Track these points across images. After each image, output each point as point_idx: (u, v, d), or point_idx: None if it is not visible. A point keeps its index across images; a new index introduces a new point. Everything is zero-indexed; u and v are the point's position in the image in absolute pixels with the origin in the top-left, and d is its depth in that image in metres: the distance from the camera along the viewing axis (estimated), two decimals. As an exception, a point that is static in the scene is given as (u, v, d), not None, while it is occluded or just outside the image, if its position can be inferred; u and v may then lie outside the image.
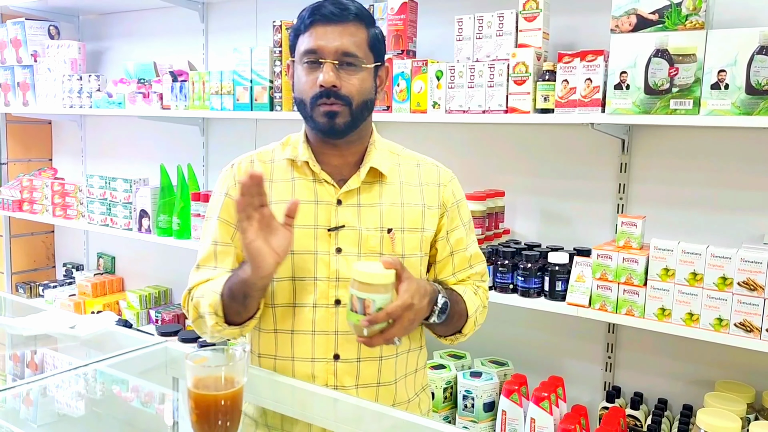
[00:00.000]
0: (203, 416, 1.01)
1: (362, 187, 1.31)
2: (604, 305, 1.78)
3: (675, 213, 1.95)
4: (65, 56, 3.20)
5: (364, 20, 1.27)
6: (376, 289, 1.10)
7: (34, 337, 1.61)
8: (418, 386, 1.42)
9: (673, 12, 1.63)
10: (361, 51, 1.25)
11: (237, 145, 2.88)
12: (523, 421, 1.91)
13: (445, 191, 1.37)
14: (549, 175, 2.16)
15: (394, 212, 1.31)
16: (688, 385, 1.96)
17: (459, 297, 1.35)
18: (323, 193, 1.30)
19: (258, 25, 2.81)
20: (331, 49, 1.22)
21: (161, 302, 3.19)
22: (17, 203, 3.39)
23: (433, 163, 1.41)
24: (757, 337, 1.57)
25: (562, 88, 1.81)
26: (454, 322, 1.32)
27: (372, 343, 1.13)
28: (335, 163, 1.32)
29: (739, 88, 1.55)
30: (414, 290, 1.14)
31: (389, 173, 1.33)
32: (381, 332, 1.12)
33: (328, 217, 1.29)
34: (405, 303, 1.12)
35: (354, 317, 1.11)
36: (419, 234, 1.33)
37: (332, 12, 1.23)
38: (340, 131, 1.26)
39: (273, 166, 1.35)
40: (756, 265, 1.56)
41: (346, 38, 1.23)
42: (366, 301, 1.09)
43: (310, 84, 1.25)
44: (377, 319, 1.09)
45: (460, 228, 1.39)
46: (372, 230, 1.29)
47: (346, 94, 1.23)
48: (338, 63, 1.23)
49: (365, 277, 1.09)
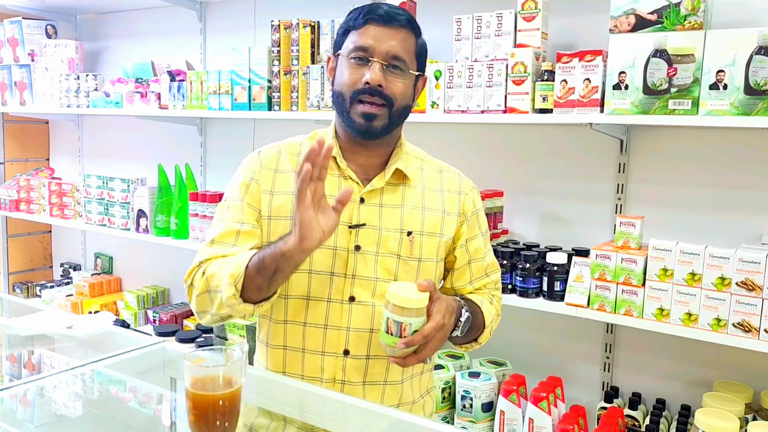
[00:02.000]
0: (201, 417, 1.00)
1: (386, 187, 1.32)
2: (603, 305, 1.78)
3: (673, 213, 1.95)
4: (62, 55, 3.19)
5: (414, 29, 1.30)
6: (412, 312, 1.13)
7: (31, 337, 1.60)
8: (423, 388, 1.43)
9: (671, 12, 1.63)
10: (408, 57, 1.28)
11: (235, 145, 2.88)
12: (522, 421, 1.91)
13: (466, 200, 1.39)
14: (548, 175, 2.16)
15: (415, 215, 1.33)
16: (686, 386, 1.96)
17: (477, 308, 1.37)
18: None
19: (256, 25, 2.80)
20: (383, 50, 1.24)
21: (159, 302, 3.18)
22: (14, 203, 3.38)
23: (456, 171, 1.43)
24: (755, 337, 1.57)
25: (561, 88, 1.81)
26: (473, 333, 1.35)
27: (406, 363, 1.17)
28: (361, 162, 1.33)
29: (737, 89, 1.55)
30: (444, 310, 1.18)
31: (413, 177, 1.35)
32: (415, 353, 1.17)
33: (350, 214, 1.29)
34: (437, 324, 1.16)
35: (389, 339, 1.15)
36: (437, 239, 1.34)
37: (388, 14, 1.26)
38: (375, 133, 1.27)
39: (300, 158, 1.33)
40: (754, 265, 1.56)
41: (397, 42, 1.25)
42: (403, 324, 1.13)
43: (355, 79, 1.25)
44: (414, 342, 1.14)
45: (479, 237, 1.41)
46: (392, 231, 1.30)
47: (389, 95, 1.25)
48: (386, 64, 1.25)
49: (403, 302, 1.13)
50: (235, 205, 1.32)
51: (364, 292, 1.29)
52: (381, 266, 1.30)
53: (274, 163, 1.34)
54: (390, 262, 1.30)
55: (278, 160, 1.35)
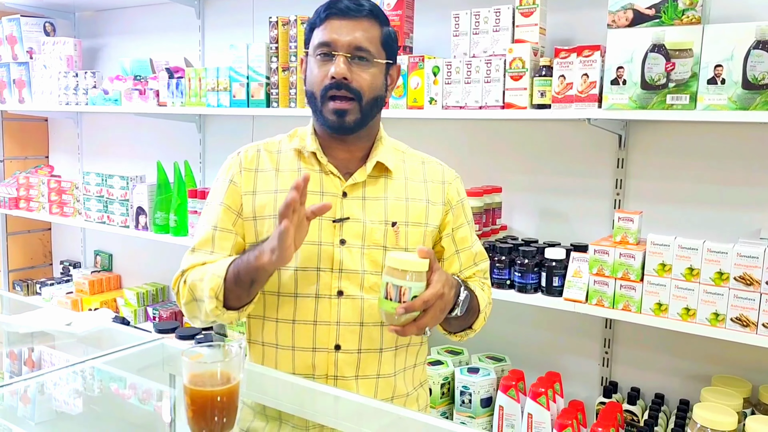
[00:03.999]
0: (199, 412, 1.01)
1: (368, 180, 1.33)
2: (601, 300, 1.78)
3: (672, 208, 1.95)
4: (61, 53, 3.19)
5: (378, 18, 1.29)
6: (412, 276, 1.11)
7: (30, 334, 1.61)
8: (417, 381, 1.43)
9: (669, 7, 1.63)
10: (373, 47, 1.27)
11: (234, 141, 2.87)
12: (521, 416, 1.91)
13: (449, 189, 1.40)
14: (546, 171, 2.16)
15: (399, 206, 1.33)
16: (685, 380, 1.97)
17: (472, 292, 1.36)
18: (329, 184, 1.32)
19: (254, 22, 2.80)
20: (344, 43, 1.25)
21: (158, 299, 3.19)
22: (14, 201, 3.38)
23: (438, 162, 1.44)
24: (753, 331, 1.58)
25: (559, 83, 1.81)
26: (469, 316, 1.34)
27: (405, 332, 1.14)
28: (342, 157, 1.34)
29: (735, 83, 1.55)
30: (444, 280, 1.17)
31: (395, 169, 1.35)
32: (413, 321, 1.14)
33: (333, 208, 1.30)
34: (438, 291, 1.14)
35: (388, 305, 1.12)
36: (423, 228, 1.35)
37: (348, 7, 1.26)
38: (349, 128, 1.28)
39: (279, 156, 1.36)
40: (752, 260, 1.56)
41: (359, 33, 1.26)
42: (402, 288, 1.11)
43: (322, 76, 1.26)
44: (414, 307, 1.11)
45: (465, 226, 1.42)
46: (376, 223, 1.31)
47: (356, 88, 1.25)
48: (350, 56, 1.25)
49: (402, 264, 1.11)
50: (212, 209, 1.35)
51: (352, 286, 1.29)
52: (367, 259, 1.30)
53: (255, 163, 1.35)
54: (376, 254, 1.30)
55: (258, 160, 1.36)
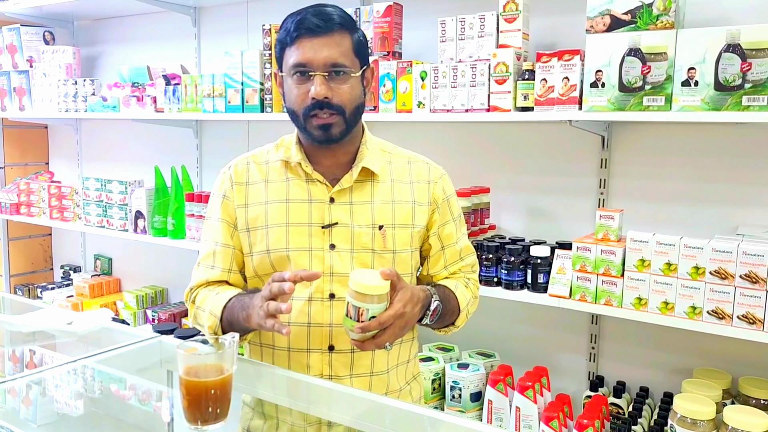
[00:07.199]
0: (194, 402, 1.07)
1: (354, 185, 1.36)
2: (584, 296, 1.84)
3: (654, 206, 2.01)
4: (60, 61, 3.24)
5: (347, 28, 1.30)
6: (370, 299, 1.17)
7: (31, 333, 1.65)
8: (410, 375, 1.48)
9: (644, 12, 1.69)
10: (348, 59, 1.29)
11: (230, 146, 2.94)
12: (509, 409, 1.97)
13: (435, 188, 1.43)
14: (533, 171, 2.22)
15: (385, 209, 1.37)
16: (668, 374, 2.02)
17: (451, 294, 1.41)
18: (316, 192, 1.36)
19: (249, 29, 2.86)
20: (320, 61, 1.26)
21: (158, 302, 3.24)
22: (15, 206, 3.44)
23: (424, 160, 1.46)
24: (728, 324, 1.63)
25: (541, 86, 1.87)
26: (447, 318, 1.39)
27: (363, 348, 1.21)
28: (328, 164, 1.37)
29: (708, 85, 1.61)
30: (407, 299, 1.21)
31: (381, 172, 1.38)
32: (373, 338, 1.20)
33: (322, 215, 1.34)
34: (396, 312, 1.19)
35: (349, 323, 1.19)
36: (410, 230, 1.38)
37: (317, 24, 1.26)
38: (335, 139, 1.32)
39: (268, 167, 1.40)
40: (726, 254, 1.62)
41: (333, 49, 1.26)
42: (360, 309, 1.17)
43: (302, 96, 1.28)
44: (369, 328, 1.17)
45: (450, 223, 1.45)
46: (364, 227, 1.35)
47: (338, 104, 1.28)
48: (328, 74, 1.27)
49: (360, 288, 1.17)
50: (211, 225, 1.43)
51: (343, 289, 1.31)
52: (357, 262, 1.34)
53: (245, 177, 1.40)
54: (365, 257, 1.34)
55: (248, 173, 1.40)
